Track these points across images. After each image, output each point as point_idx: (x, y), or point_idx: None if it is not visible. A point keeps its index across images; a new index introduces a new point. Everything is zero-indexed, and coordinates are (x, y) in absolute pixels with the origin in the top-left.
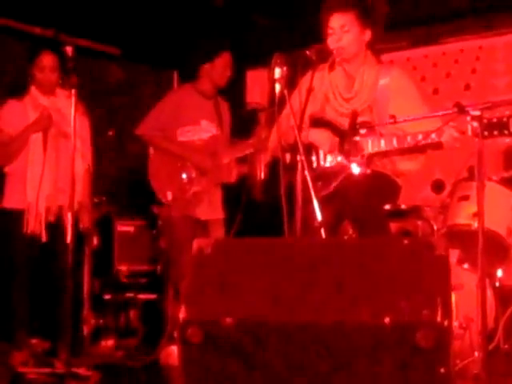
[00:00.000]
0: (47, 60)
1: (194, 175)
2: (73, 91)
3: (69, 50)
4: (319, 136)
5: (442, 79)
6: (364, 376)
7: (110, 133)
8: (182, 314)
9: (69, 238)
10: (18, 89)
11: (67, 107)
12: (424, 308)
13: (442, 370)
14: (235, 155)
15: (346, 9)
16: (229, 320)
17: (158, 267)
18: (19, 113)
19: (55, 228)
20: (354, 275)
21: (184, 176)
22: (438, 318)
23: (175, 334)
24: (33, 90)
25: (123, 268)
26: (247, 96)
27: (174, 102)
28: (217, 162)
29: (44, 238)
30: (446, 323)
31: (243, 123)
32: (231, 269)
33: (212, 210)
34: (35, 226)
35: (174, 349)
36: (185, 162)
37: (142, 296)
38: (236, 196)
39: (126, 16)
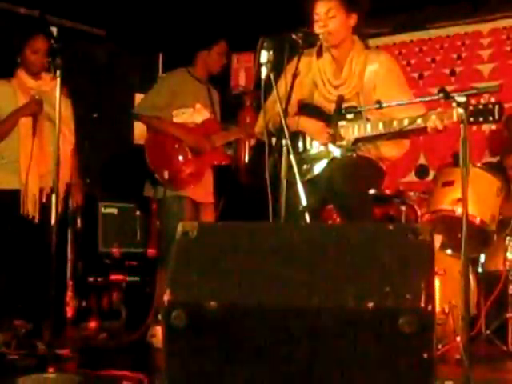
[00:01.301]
0: (41, 43)
1: (190, 157)
2: (58, 73)
3: (54, 30)
4: (311, 126)
5: (428, 65)
6: (347, 361)
7: (95, 115)
8: (166, 297)
9: (53, 220)
10: (3, 69)
11: (52, 90)
12: (407, 293)
13: (425, 355)
14: (227, 140)
15: None
16: (213, 304)
17: (148, 250)
18: (7, 94)
19: (46, 209)
20: (338, 260)
21: (180, 157)
22: (422, 304)
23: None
24: (21, 72)
25: (107, 250)
26: (232, 80)
27: (170, 85)
28: (211, 145)
29: (37, 219)
30: (429, 308)
31: (228, 107)
32: (216, 252)
33: (205, 193)
34: (29, 206)
35: (159, 329)
36: (181, 143)
37: (125, 278)
38: (221, 179)
39: None
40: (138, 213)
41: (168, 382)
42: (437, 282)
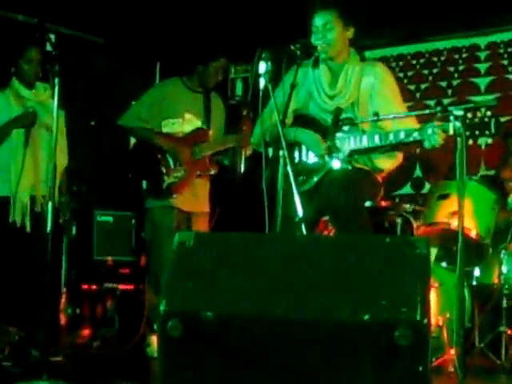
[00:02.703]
0: (35, 53)
1: (172, 166)
2: (56, 80)
3: (52, 38)
4: (308, 137)
5: (425, 77)
6: (343, 373)
7: (92, 123)
8: (162, 307)
9: (48, 228)
10: None
11: (47, 99)
12: (403, 306)
13: (420, 369)
14: (215, 149)
15: (327, 7)
16: (209, 314)
17: (139, 258)
18: (1, 104)
19: (39, 218)
20: (334, 272)
21: (162, 167)
22: (418, 317)
23: (154, 325)
24: (14, 82)
25: (101, 258)
26: (229, 90)
27: (158, 95)
28: (196, 154)
29: (28, 228)
30: (425, 321)
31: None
32: (212, 263)
33: (196, 202)
34: (18, 215)
35: (154, 338)
36: (164, 153)
37: (119, 286)
38: (216, 189)
39: (110, 5)
40: (133, 221)
41: None
42: (431, 295)
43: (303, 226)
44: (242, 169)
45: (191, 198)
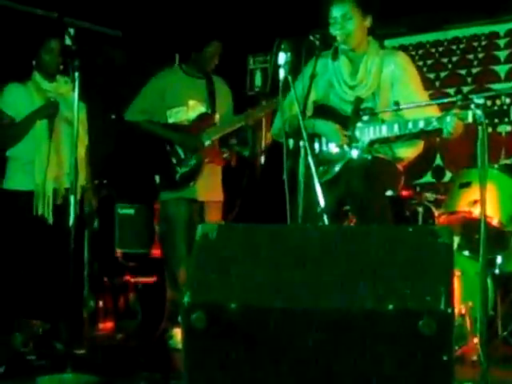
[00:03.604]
0: (54, 44)
1: (182, 157)
2: (76, 74)
3: (71, 32)
4: (327, 128)
5: (444, 66)
6: (367, 362)
7: (113, 116)
8: (186, 299)
9: (71, 221)
10: (19, 72)
11: (68, 92)
12: (427, 295)
13: (445, 358)
14: (222, 132)
15: None
16: (233, 305)
17: (154, 251)
18: (23, 96)
19: (61, 210)
20: (358, 262)
21: (173, 159)
22: (442, 306)
23: (175, 318)
24: (36, 75)
25: (123, 251)
26: (248, 81)
27: (159, 85)
28: (204, 140)
29: (50, 220)
30: (449, 311)
31: (244, 108)
32: (235, 254)
33: (208, 191)
34: (43, 208)
35: (176, 331)
36: (172, 144)
37: (141, 279)
38: (237, 180)
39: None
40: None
41: None
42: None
43: (325, 217)
44: (262, 160)
45: (204, 187)
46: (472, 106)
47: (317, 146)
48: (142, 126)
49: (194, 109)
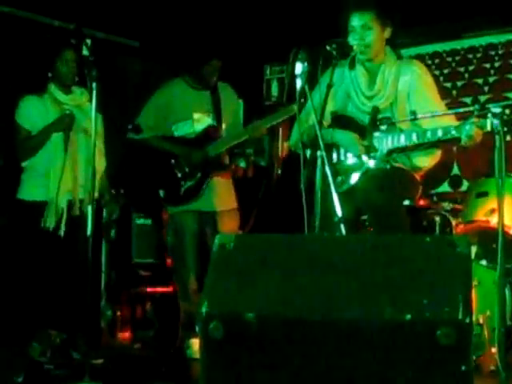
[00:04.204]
0: (70, 54)
1: (187, 170)
2: (93, 85)
3: (88, 43)
4: (345, 138)
5: (461, 75)
6: (385, 373)
7: (130, 126)
8: (204, 309)
9: (89, 231)
10: (35, 85)
11: (84, 103)
12: (445, 305)
13: (463, 368)
14: (228, 144)
15: (365, 9)
16: (250, 315)
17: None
18: (39, 109)
19: (77, 221)
20: (375, 271)
21: (178, 173)
22: (460, 316)
23: (190, 328)
24: (51, 87)
25: (140, 260)
26: (265, 90)
27: (163, 99)
28: (209, 153)
29: (62, 232)
30: (467, 320)
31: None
32: (253, 264)
33: (219, 201)
34: (52, 219)
35: (193, 341)
36: (177, 158)
37: (158, 289)
38: (253, 190)
39: (145, 9)
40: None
41: None
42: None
43: (342, 226)
44: (279, 170)
45: (212, 198)
46: (489, 115)
47: (334, 155)
48: (146, 141)
49: (200, 121)
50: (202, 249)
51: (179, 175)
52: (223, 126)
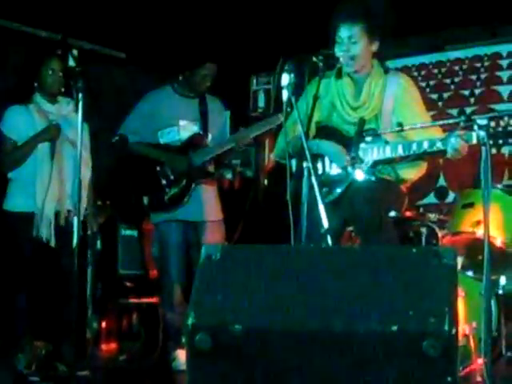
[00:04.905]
0: (56, 63)
1: (172, 178)
2: (80, 95)
3: (75, 53)
4: (331, 149)
5: (447, 86)
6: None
7: (116, 137)
8: (190, 320)
9: (75, 242)
10: (20, 95)
11: (70, 113)
12: (431, 316)
13: (449, 379)
14: (212, 154)
15: (354, 21)
16: (237, 327)
17: (151, 272)
18: (25, 119)
19: (64, 232)
20: (362, 283)
21: (163, 180)
22: (446, 327)
23: (175, 339)
24: (37, 97)
25: (126, 272)
26: (251, 101)
27: (149, 106)
28: (194, 161)
29: (53, 243)
30: (453, 332)
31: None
32: (240, 275)
33: (202, 211)
34: (44, 230)
35: (179, 352)
36: (162, 166)
37: (144, 300)
38: (240, 201)
39: (131, 20)
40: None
41: None
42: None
43: (329, 238)
44: (266, 181)
45: (197, 208)
46: (475, 127)
47: (320, 166)
48: (132, 148)
49: (186, 129)
50: (187, 259)
51: (164, 182)
52: (209, 135)
